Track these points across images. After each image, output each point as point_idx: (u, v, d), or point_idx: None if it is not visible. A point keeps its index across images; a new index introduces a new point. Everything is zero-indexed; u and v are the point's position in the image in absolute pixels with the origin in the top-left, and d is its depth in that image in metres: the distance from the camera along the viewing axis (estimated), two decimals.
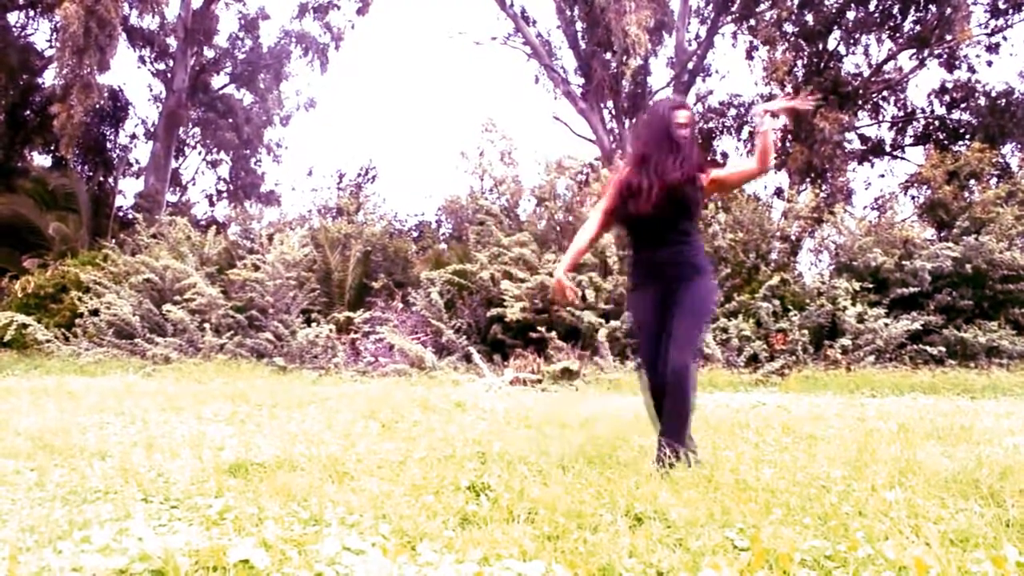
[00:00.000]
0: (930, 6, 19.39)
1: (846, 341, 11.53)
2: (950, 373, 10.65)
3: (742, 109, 23.13)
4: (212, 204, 27.17)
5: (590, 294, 11.95)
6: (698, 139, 3.74)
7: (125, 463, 3.58)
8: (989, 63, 20.81)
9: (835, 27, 20.47)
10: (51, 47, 20.87)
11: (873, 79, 21.26)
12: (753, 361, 11.57)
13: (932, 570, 2.01)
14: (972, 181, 14.88)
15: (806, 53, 20.62)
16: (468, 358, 11.83)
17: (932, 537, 2.27)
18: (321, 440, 4.38)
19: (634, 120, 22.89)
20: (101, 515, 2.65)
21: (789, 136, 20.02)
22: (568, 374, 10.70)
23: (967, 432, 4.90)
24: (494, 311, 12.22)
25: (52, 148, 21.27)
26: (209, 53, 25.00)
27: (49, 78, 20.40)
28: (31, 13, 22.00)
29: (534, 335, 11.81)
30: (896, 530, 2.40)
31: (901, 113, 22.86)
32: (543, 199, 13.94)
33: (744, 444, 4.31)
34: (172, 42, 23.83)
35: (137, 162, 25.36)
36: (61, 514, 2.68)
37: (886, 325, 11.60)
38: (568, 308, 11.89)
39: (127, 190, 24.37)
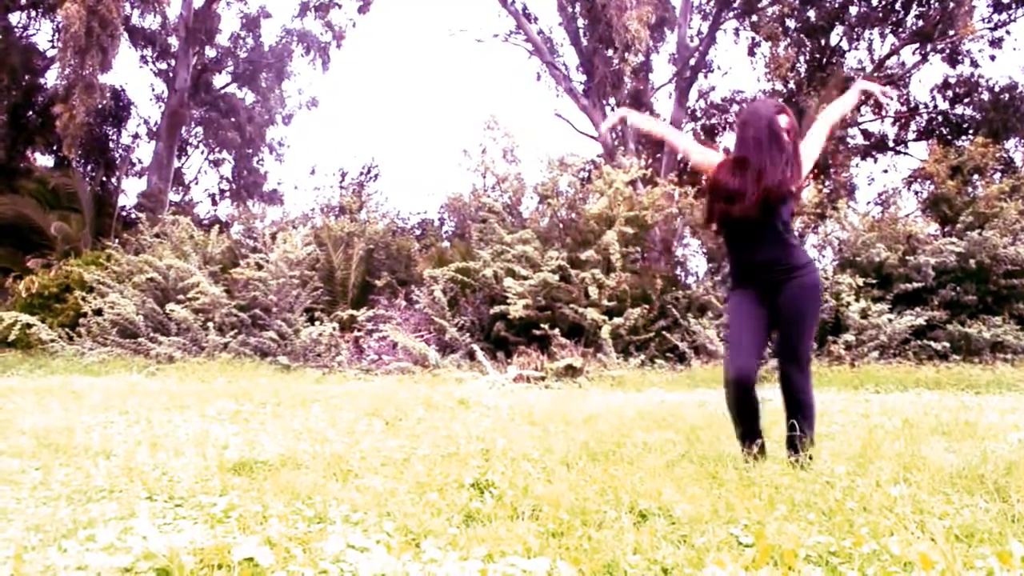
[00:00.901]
0: (932, 1, 19.35)
1: (850, 337, 11.52)
2: (954, 369, 10.64)
3: (744, 106, 23.09)
4: (215, 203, 27.20)
5: (593, 291, 11.94)
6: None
7: (129, 462, 3.58)
8: (992, 58, 20.79)
9: (837, 22, 20.44)
10: (53, 47, 20.87)
11: (876, 74, 21.20)
12: None
13: (937, 565, 2.00)
14: (976, 176, 14.86)
15: (808, 49, 20.60)
16: (471, 355, 11.83)
17: (937, 533, 2.27)
18: (325, 438, 4.38)
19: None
20: (105, 514, 2.66)
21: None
22: (571, 371, 10.70)
23: (972, 428, 4.89)
24: (497, 308, 12.22)
25: (55, 148, 21.30)
26: (211, 52, 25.01)
27: (51, 78, 20.41)
28: (33, 13, 21.99)
29: (537, 332, 11.81)
30: (901, 526, 2.39)
31: (904, 108, 22.81)
32: (546, 196, 13.93)
33: None
34: (174, 41, 23.84)
35: (140, 162, 25.38)
36: (66, 513, 2.69)
37: (890, 321, 11.59)
38: (571, 305, 11.89)
39: (130, 190, 24.44)
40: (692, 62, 21.85)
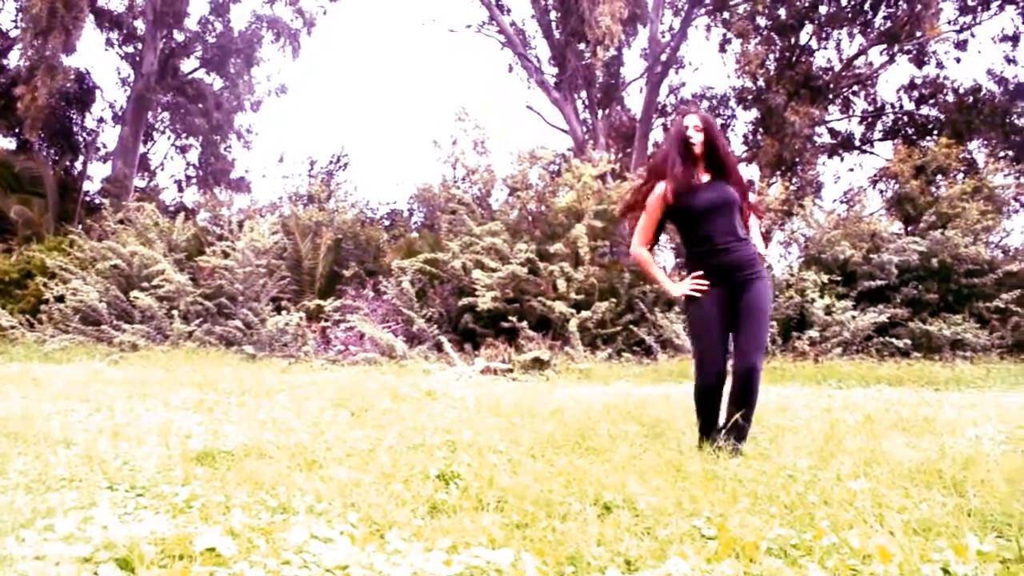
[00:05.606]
0: (900, 2, 19.62)
1: (814, 333, 11.66)
2: (915, 365, 10.81)
3: (715, 101, 23.26)
4: (181, 190, 26.83)
5: (561, 284, 11.97)
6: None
7: (90, 451, 3.53)
8: (957, 60, 21.12)
9: (807, 21, 20.64)
10: (16, 27, 20.44)
11: (844, 74, 21.48)
12: None
13: (895, 558, 2.04)
14: (939, 176, 15.10)
15: (778, 47, 20.78)
16: (439, 347, 11.81)
17: (896, 526, 2.30)
18: (290, 428, 4.35)
19: (607, 111, 22.94)
20: (65, 503, 2.61)
21: (760, 130, 20.17)
22: (539, 364, 10.71)
23: (931, 423, 4.97)
24: (465, 300, 12.22)
25: (17, 131, 20.87)
26: (179, 36, 24.60)
27: (14, 59, 19.99)
28: None
29: (505, 324, 11.82)
30: (861, 519, 2.43)
31: (871, 108, 23.12)
32: (515, 189, 13.93)
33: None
34: (141, 24, 23.43)
35: (105, 146, 24.90)
36: (24, 502, 2.64)
37: (853, 317, 11.75)
38: (539, 298, 11.91)
39: (94, 175, 23.99)
40: (663, 57, 21.94)
